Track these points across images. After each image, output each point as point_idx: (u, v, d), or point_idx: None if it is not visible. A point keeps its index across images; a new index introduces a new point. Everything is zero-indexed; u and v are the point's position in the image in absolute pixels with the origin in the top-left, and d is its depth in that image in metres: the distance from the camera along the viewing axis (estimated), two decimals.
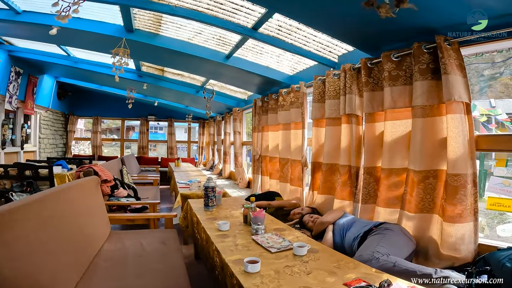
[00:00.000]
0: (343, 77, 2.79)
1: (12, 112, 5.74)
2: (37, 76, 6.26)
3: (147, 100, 8.04)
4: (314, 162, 3.25)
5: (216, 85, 6.26)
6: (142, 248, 2.38)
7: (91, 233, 2.24)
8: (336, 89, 2.97)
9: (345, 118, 2.77)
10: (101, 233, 2.46)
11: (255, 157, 4.81)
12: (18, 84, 5.54)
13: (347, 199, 2.79)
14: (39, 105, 6.58)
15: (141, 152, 8.70)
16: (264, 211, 2.28)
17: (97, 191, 2.61)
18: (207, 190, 2.77)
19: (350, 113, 2.69)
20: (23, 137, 6.00)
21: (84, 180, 2.58)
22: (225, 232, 2.22)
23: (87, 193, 2.43)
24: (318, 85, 3.23)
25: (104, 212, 2.74)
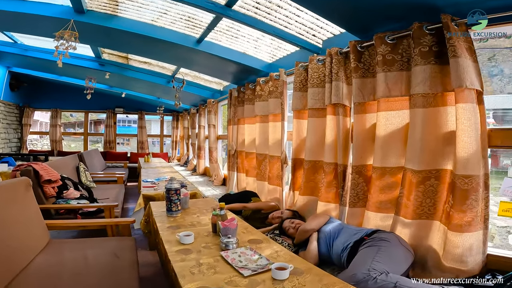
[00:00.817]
0: (329, 63, 2.41)
1: None
2: None
3: (114, 91, 7.41)
4: (295, 159, 2.88)
5: (189, 74, 5.75)
6: (85, 262, 1.95)
7: (17, 245, 1.82)
8: (321, 77, 2.59)
9: (331, 109, 2.40)
10: (32, 244, 2.01)
11: (230, 152, 4.38)
12: None
13: (333, 202, 2.44)
14: None
15: (108, 147, 8.00)
16: (235, 221, 1.87)
17: (27, 194, 2.13)
18: (169, 193, 2.32)
19: (337, 103, 2.32)
20: None
21: (8, 182, 2.06)
22: (187, 246, 1.81)
23: (13, 198, 1.96)
24: (300, 72, 2.84)
25: (39, 219, 2.26)
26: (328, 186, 2.42)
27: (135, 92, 7.48)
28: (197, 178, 5.82)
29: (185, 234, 1.90)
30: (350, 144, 2.32)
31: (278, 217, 2.69)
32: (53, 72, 6.66)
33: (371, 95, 2.18)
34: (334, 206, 2.44)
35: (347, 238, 2.00)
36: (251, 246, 1.81)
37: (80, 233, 3.53)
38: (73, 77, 6.67)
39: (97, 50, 5.00)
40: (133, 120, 13.12)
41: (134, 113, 8.44)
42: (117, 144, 17.43)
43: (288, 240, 2.39)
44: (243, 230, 2.12)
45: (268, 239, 1.93)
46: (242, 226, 2.20)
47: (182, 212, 2.47)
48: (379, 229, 1.97)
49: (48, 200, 2.99)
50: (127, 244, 2.31)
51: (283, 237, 2.45)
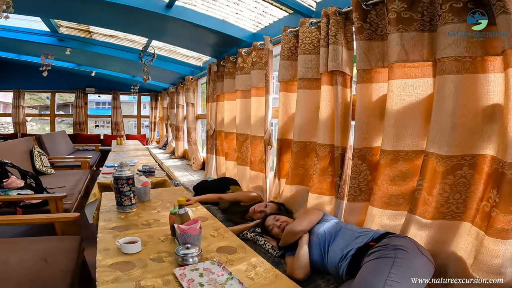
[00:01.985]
0: (325, 25, 1.85)
1: None
2: None
3: (83, 70, 6.67)
4: (281, 140, 2.34)
5: (163, 48, 5.06)
6: (3, 268, 1.49)
7: None
8: (314, 42, 2.04)
9: (327, 78, 1.86)
10: None
11: (209, 132, 3.82)
12: None
13: (327, 194, 1.94)
14: None
15: (78, 129, 7.25)
16: (198, 224, 1.35)
17: None
18: (118, 183, 1.77)
19: (335, 70, 1.78)
20: None
21: None
22: (130, 258, 1.29)
23: None
24: (288, 39, 2.27)
25: None
26: (322, 173, 1.91)
27: (108, 71, 6.77)
28: (174, 162, 5.24)
29: (129, 240, 1.37)
30: (351, 121, 1.80)
31: (261, 211, 2.18)
32: (10, 51, 5.90)
33: (380, 61, 1.65)
34: (329, 199, 1.94)
35: (347, 242, 1.52)
36: (220, 258, 1.30)
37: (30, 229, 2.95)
38: (32, 55, 5.90)
39: (50, 24, 4.26)
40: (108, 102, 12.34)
41: (108, 93, 7.66)
42: (96, 127, 16.59)
43: (272, 242, 1.90)
44: (213, 231, 1.60)
45: (244, 247, 1.42)
46: (213, 226, 1.68)
47: (139, 207, 1.93)
48: (389, 232, 1.49)
49: None
50: (67, 245, 1.78)
51: (266, 237, 1.96)
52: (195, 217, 1.78)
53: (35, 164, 3.71)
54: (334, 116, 1.82)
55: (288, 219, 1.89)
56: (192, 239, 1.32)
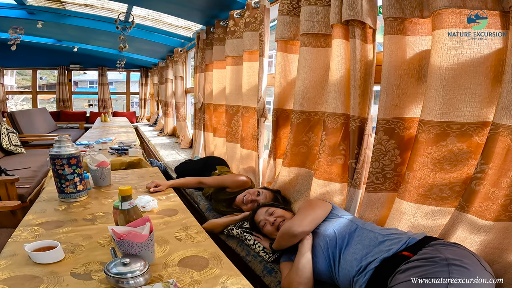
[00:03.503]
0: None
1: None
2: None
3: (64, 46, 6.06)
4: (278, 110, 1.80)
5: (147, 18, 4.40)
6: None
7: None
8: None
9: (341, 30, 1.31)
10: None
11: (197, 106, 3.27)
12: None
13: (337, 180, 1.43)
14: None
15: (62, 106, 6.64)
16: (148, 227, 0.86)
17: None
18: (56, 163, 1.25)
19: (352, 20, 1.23)
20: None
21: None
22: (40, 271, 0.83)
23: None
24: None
25: None
26: (332, 153, 1.40)
27: (92, 46, 6.13)
28: (162, 140, 4.72)
29: (44, 245, 0.88)
30: (372, 84, 1.27)
31: (252, 200, 1.68)
32: None
33: (417, 10, 1.10)
34: (339, 187, 1.44)
35: (367, 249, 1.04)
36: (180, 277, 0.82)
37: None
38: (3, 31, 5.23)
39: None
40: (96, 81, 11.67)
41: (94, 69, 6.99)
42: (90, 105, 15.87)
43: (264, 242, 1.42)
44: (180, 232, 1.11)
45: (219, 258, 0.94)
46: (181, 224, 1.19)
47: (93, 194, 1.43)
48: (429, 236, 1.02)
49: None
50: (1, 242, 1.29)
51: (257, 235, 1.47)
52: (159, 210, 1.31)
53: (2, 143, 3.19)
54: (350, 78, 1.29)
55: (285, 213, 1.39)
56: (136, 248, 0.83)
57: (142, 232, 0.85)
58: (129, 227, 0.86)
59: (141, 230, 0.86)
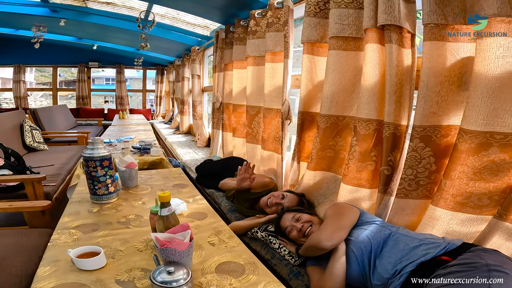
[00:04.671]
0: None
1: None
2: None
3: (84, 43, 6.18)
4: (304, 113, 1.78)
5: (166, 16, 4.42)
6: None
7: None
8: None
9: (375, 35, 1.27)
10: None
11: (215, 105, 3.27)
12: None
13: (367, 186, 1.41)
14: None
15: (81, 103, 6.78)
16: (189, 234, 0.86)
17: None
18: (89, 165, 1.27)
19: (389, 24, 1.19)
20: None
21: None
22: (86, 278, 0.85)
23: None
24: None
25: None
26: (362, 159, 1.38)
27: (111, 44, 6.21)
28: (179, 138, 4.76)
29: (89, 250, 0.90)
30: (410, 91, 1.23)
31: (277, 204, 1.67)
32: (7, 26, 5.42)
33: (459, 16, 1.06)
34: (368, 193, 1.42)
35: (402, 253, 1.02)
36: (220, 284, 0.82)
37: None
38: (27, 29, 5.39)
39: None
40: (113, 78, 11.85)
41: (112, 67, 7.09)
42: (106, 102, 16.14)
43: (289, 246, 1.41)
44: (212, 237, 1.11)
45: (255, 265, 0.94)
46: (213, 228, 1.19)
47: (122, 195, 1.45)
48: (467, 242, 1.00)
49: None
50: (31, 242, 1.35)
51: (282, 239, 1.46)
52: (188, 213, 1.31)
53: (25, 140, 3.25)
54: (385, 84, 1.25)
55: (312, 218, 1.37)
56: (178, 256, 0.84)
57: (183, 239, 0.85)
58: (171, 234, 0.86)
59: (182, 237, 0.86)
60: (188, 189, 1.63)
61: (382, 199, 1.34)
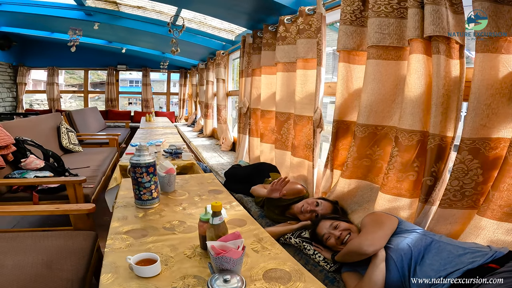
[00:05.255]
0: None
1: None
2: None
3: (114, 47, 6.37)
4: (339, 122, 1.78)
5: (193, 20, 4.52)
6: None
7: None
8: (393, 3, 1.43)
9: (420, 45, 1.25)
10: None
11: (242, 110, 3.32)
12: None
13: (407, 196, 1.39)
14: None
15: (110, 105, 7.03)
16: (242, 243, 0.89)
17: None
18: (136, 171, 1.33)
19: (436, 36, 1.17)
20: None
21: None
22: (146, 286, 0.87)
23: None
24: (350, 1, 1.66)
25: None
26: (404, 169, 1.36)
27: (137, 47, 6.41)
28: (203, 141, 4.84)
29: (145, 257, 0.94)
30: (458, 103, 1.21)
31: (311, 211, 1.68)
32: (43, 29, 5.65)
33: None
34: (408, 203, 1.40)
35: (446, 261, 1.03)
36: None
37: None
38: (63, 32, 5.65)
39: None
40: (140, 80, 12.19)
41: (138, 70, 7.32)
42: (130, 104, 16.67)
43: (325, 253, 1.42)
44: (255, 244, 1.14)
45: (301, 272, 0.96)
46: (254, 235, 1.22)
47: (161, 200, 1.51)
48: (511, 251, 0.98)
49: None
50: (78, 245, 1.41)
51: (317, 246, 1.47)
52: (228, 219, 1.34)
53: (62, 142, 3.41)
54: (431, 95, 1.23)
55: (350, 226, 1.38)
56: (231, 264, 0.87)
57: (235, 247, 0.88)
58: (223, 242, 0.89)
59: (233, 245, 0.89)
60: (224, 195, 1.67)
61: (422, 208, 1.33)
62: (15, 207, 1.69)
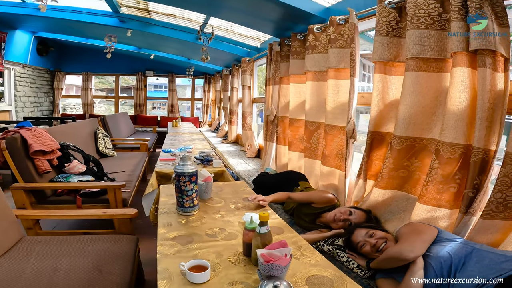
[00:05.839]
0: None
1: None
2: (5, 31, 4.97)
3: (143, 53, 6.63)
4: (374, 133, 1.78)
5: (220, 28, 4.65)
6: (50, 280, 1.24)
7: None
8: (433, 15, 1.45)
9: (465, 59, 1.26)
10: None
11: (269, 118, 3.37)
12: None
13: (447, 207, 1.39)
14: (11, 61, 5.31)
15: (138, 110, 7.30)
16: (289, 251, 0.94)
17: None
18: (180, 180, 1.40)
19: (483, 49, 1.17)
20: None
21: None
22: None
23: None
24: (387, 12, 1.68)
25: (3, 210, 1.49)
26: (445, 181, 1.35)
27: (164, 53, 6.65)
28: (227, 147, 4.93)
29: (196, 264, 1.00)
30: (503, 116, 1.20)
31: (344, 220, 1.70)
32: (79, 35, 6.00)
33: None
34: (447, 213, 1.39)
35: (487, 269, 1.05)
36: None
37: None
38: (97, 38, 5.98)
39: (112, 3, 4.08)
40: (165, 85, 12.52)
41: (165, 76, 7.58)
42: (154, 108, 17.19)
43: (359, 260, 1.45)
44: (295, 251, 1.18)
45: (343, 279, 0.99)
46: (292, 242, 1.27)
47: (200, 207, 1.58)
48: None
49: (43, 176, 2.23)
50: (123, 248, 1.49)
51: (350, 253, 1.50)
52: None
53: (98, 146, 3.60)
54: (475, 108, 1.23)
55: (386, 235, 1.42)
56: (279, 270, 0.92)
57: (281, 255, 0.93)
58: (271, 250, 0.94)
59: (279, 253, 0.94)
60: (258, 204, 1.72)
61: (462, 218, 1.34)
62: (67, 211, 1.82)
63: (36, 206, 2.10)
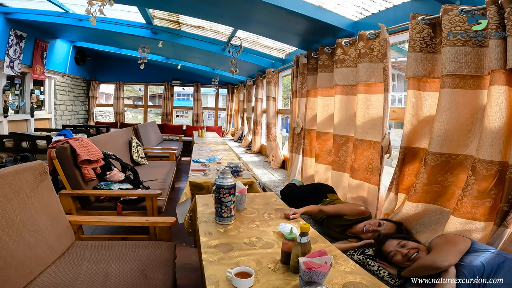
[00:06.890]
0: (495, 13, 1.32)
1: (19, 78, 5.00)
2: (47, 40, 5.33)
3: (170, 63, 6.92)
4: (407, 148, 1.82)
5: (246, 40, 4.81)
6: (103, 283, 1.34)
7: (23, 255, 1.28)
8: (469, 32, 1.50)
9: (503, 77, 1.29)
10: (44, 251, 1.42)
11: (295, 130, 3.44)
12: (21, 49, 4.68)
13: (482, 220, 1.42)
14: (52, 70, 5.71)
15: (165, 119, 7.60)
16: (330, 260, 1.02)
17: (42, 184, 1.53)
18: (221, 192, 1.51)
19: None
20: (32, 103, 5.20)
21: (10, 171, 1.40)
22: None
23: (19, 191, 1.37)
24: (420, 28, 1.74)
25: (60, 215, 1.64)
26: (480, 196, 1.38)
27: (190, 64, 6.88)
28: (252, 157, 5.03)
29: (240, 270, 1.08)
30: None
31: (374, 231, 1.75)
32: (112, 44, 6.35)
33: None
34: (482, 226, 1.42)
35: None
36: None
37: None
38: (129, 48, 6.30)
39: (146, 15, 4.33)
40: (190, 94, 12.88)
41: (190, 85, 7.87)
42: (176, 117, 17.69)
43: (389, 269, 1.51)
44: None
45: (379, 286, 1.06)
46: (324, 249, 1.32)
47: (237, 216, 1.67)
48: None
49: (88, 184, 2.42)
50: (163, 254, 1.60)
51: (381, 262, 1.56)
52: None
53: (133, 155, 3.79)
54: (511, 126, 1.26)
55: (418, 245, 1.47)
56: (320, 277, 1.00)
57: (321, 263, 1.00)
58: (311, 258, 1.02)
59: (319, 261, 1.01)
60: None
61: (496, 230, 1.37)
62: (114, 218, 1.98)
63: (81, 212, 2.28)
